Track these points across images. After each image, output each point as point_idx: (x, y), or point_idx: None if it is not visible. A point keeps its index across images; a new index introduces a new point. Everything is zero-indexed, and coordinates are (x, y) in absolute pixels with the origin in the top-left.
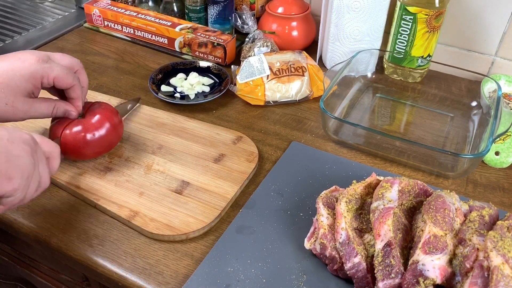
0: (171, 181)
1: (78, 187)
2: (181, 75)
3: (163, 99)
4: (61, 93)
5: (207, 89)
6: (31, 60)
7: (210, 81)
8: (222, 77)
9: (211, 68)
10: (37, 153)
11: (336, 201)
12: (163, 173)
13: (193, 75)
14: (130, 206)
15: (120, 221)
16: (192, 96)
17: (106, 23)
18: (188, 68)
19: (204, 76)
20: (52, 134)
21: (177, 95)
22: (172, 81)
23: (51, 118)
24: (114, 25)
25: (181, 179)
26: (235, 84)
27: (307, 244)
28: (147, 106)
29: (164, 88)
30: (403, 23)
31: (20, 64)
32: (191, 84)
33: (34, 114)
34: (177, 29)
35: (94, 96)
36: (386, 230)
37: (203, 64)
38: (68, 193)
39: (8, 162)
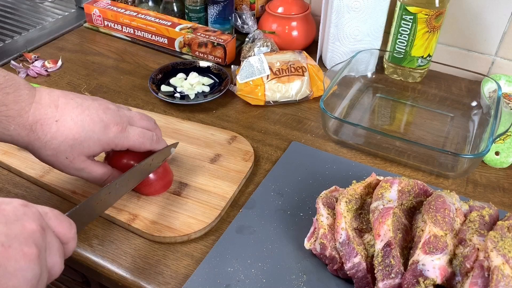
0: None
1: (74, 192)
2: (181, 75)
3: (163, 99)
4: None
5: (207, 89)
6: (114, 128)
7: (210, 81)
8: (222, 77)
9: (211, 68)
10: (45, 247)
11: (336, 201)
12: None
13: (193, 75)
14: (129, 210)
15: (120, 225)
16: (192, 96)
17: (106, 23)
18: (188, 68)
19: (204, 76)
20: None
21: (177, 95)
22: (172, 81)
23: None
24: (114, 25)
25: (179, 181)
26: (235, 84)
27: (307, 244)
28: (138, 108)
29: (164, 88)
30: (403, 23)
31: (102, 128)
32: (191, 84)
33: (85, 175)
34: (177, 29)
35: None
36: (385, 230)
37: (203, 64)
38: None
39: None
